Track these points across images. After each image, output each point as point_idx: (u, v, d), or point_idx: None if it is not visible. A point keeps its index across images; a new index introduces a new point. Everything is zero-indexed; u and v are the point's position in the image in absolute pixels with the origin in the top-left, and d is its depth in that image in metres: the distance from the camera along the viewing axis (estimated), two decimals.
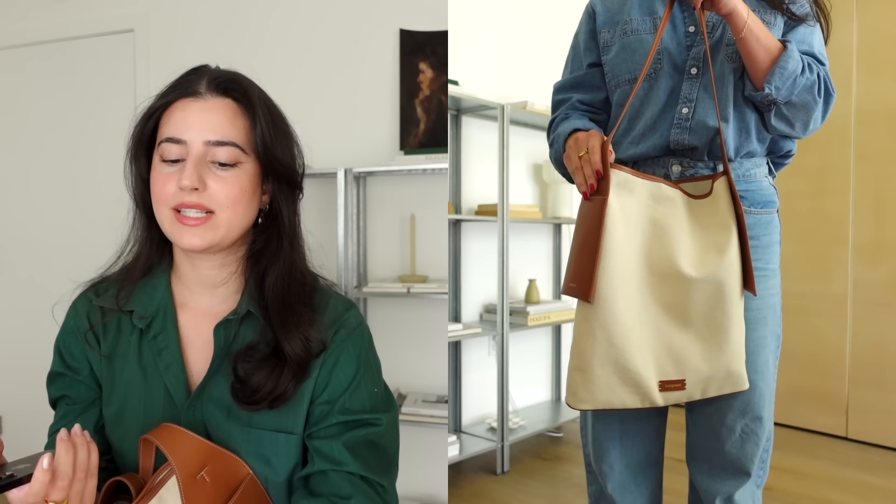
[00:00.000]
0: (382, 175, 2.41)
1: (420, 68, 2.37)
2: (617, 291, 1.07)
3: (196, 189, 0.81)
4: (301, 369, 0.87)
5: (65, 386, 0.95)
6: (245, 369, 0.86)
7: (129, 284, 0.92)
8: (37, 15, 2.76)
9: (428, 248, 2.40)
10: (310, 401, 0.90)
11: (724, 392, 1.14)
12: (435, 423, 2.22)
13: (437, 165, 2.21)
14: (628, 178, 1.10)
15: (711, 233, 1.12)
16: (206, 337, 0.91)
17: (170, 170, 0.83)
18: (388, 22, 2.38)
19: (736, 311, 1.11)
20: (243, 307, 0.89)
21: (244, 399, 0.86)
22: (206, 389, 0.89)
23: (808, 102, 1.12)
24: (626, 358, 1.07)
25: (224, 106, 0.84)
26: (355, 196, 2.37)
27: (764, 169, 1.23)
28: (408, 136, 2.36)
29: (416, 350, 2.37)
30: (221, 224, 0.84)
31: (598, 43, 1.30)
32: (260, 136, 0.85)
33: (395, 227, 2.43)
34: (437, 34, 2.35)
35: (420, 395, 2.36)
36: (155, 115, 0.86)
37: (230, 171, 0.84)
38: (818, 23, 1.20)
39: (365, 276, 2.42)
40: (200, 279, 0.91)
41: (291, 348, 0.87)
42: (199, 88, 0.85)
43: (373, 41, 2.40)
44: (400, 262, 2.42)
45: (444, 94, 2.36)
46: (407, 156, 2.28)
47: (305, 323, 0.89)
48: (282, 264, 0.90)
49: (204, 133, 0.82)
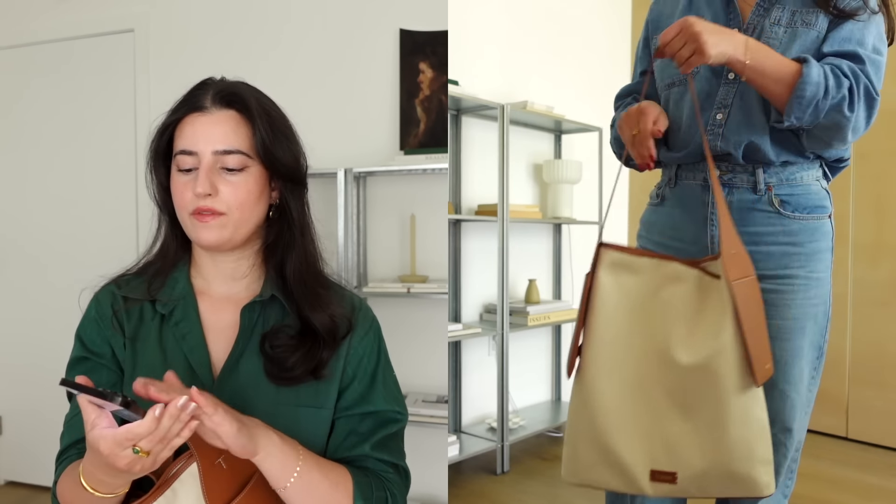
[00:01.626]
0: (382, 175, 2.41)
1: (420, 68, 2.37)
2: (601, 370, 1.04)
3: (209, 195, 0.91)
4: (332, 339, 0.97)
5: (87, 370, 0.98)
6: (276, 348, 0.95)
7: (161, 276, 1.01)
8: (37, 15, 2.76)
9: (428, 248, 2.40)
10: (339, 381, 0.99)
11: (732, 495, 1.03)
12: (435, 423, 2.22)
13: (437, 165, 2.21)
14: (627, 258, 1.07)
15: (710, 314, 1.02)
16: (225, 322, 0.99)
17: (186, 178, 0.93)
18: (388, 22, 2.38)
19: (735, 404, 0.99)
20: (268, 291, 0.98)
21: (280, 375, 0.94)
22: (234, 369, 0.96)
23: (839, 121, 1.06)
24: (607, 440, 1.03)
25: (228, 117, 0.94)
26: (355, 196, 2.37)
27: (815, 172, 1.17)
28: (408, 136, 2.36)
29: (416, 350, 2.37)
30: (232, 223, 0.93)
31: (650, 51, 1.33)
32: (260, 141, 0.95)
33: (395, 227, 2.43)
34: (437, 34, 2.35)
35: (420, 395, 2.36)
36: (168, 130, 0.96)
37: (238, 175, 0.94)
38: (880, 13, 1.11)
39: (365, 276, 2.42)
40: (220, 272, 1.00)
41: (320, 321, 0.97)
42: (205, 103, 0.94)
43: (373, 41, 2.40)
44: (400, 262, 2.42)
45: (444, 94, 2.36)
46: (407, 156, 2.28)
47: (329, 303, 0.99)
48: (298, 253, 1.00)
49: (212, 144, 0.92)
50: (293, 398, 0.96)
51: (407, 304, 2.39)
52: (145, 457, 0.76)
